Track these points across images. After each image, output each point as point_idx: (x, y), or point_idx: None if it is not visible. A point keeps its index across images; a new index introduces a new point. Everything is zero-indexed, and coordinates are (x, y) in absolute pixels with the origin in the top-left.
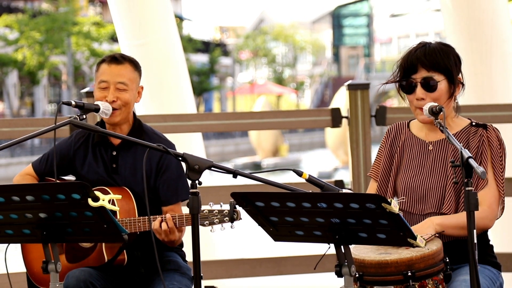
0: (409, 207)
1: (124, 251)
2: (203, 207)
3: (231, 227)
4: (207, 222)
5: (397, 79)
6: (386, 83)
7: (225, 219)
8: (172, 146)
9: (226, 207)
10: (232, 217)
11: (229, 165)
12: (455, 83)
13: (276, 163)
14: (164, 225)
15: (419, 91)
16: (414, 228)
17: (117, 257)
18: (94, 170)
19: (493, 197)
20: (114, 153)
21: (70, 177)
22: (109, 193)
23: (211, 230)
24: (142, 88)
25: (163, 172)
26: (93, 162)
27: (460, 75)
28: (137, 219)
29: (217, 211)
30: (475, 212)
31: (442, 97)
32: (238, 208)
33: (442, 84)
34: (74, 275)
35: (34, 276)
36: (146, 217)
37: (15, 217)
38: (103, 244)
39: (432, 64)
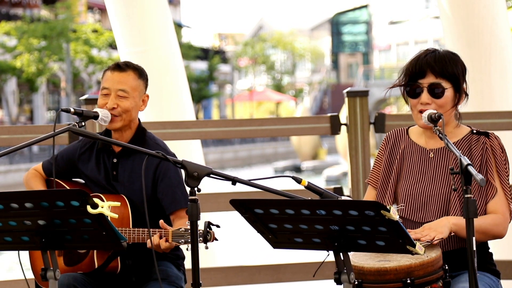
0: (410, 214)
1: (118, 258)
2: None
3: (206, 247)
4: (182, 240)
5: (403, 82)
6: (393, 87)
7: (199, 238)
8: (172, 156)
9: (201, 226)
10: (206, 237)
11: (270, 167)
12: (460, 92)
13: (315, 166)
14: (162, 242)
15: (425, 96)
16: (430, 225)
17: (108, 264)
18: (95, 177)
19: (504, 205)
20: (115, 160)
21: (81, 181)
22: (104, 201)
23: (187, 249)
24: (147, 96)
25: (161, 180)
26: (95, 168)
27: (464, 84)
28: (136, 230)
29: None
30: (491, 219)
31: (447, 104)
32: (213, 226)
33: (448, 92)
34: (63, 281)
35: (42, 283)
36: (144, 229)
37: (14, 224)
38: (95, 250)
39: (442, 70)
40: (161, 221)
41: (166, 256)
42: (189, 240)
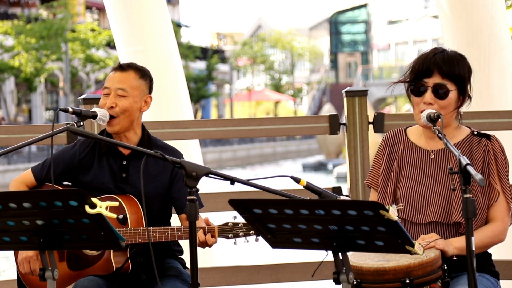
0: (410, 216)
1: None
2: (226, 220)
3: (256, 240)
4: (231, 234)
5: (408, 79)
6: (397, 82)
7: (250, 232)
8: (181, 156)
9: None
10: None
11: (297, 163)
12: (464, 94)
13: (341, 163)
14: (209, 238)
15: (429, 95)
16: (440, 238)
17: (125, 264)
18: (100, 180)
19: (504, 210)
20: (124, 162)
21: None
22: (118, 201)
23: (234, 243)
24: (150, 98)
25: (177, 181)
26: (99, 172)
27: (469, 87)
28: (152, 229)
29: (242, 224)
30: (490, 231)
31: (449, 106)
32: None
33: (452, 94)
34: (83, 285)
35: (30, 282)
36: (173, 227)
37: (12, 224)
38: (111, 252)
39: (449, 71)
40: (206, 218)
41: (172, 254)
42: (238, 234)
